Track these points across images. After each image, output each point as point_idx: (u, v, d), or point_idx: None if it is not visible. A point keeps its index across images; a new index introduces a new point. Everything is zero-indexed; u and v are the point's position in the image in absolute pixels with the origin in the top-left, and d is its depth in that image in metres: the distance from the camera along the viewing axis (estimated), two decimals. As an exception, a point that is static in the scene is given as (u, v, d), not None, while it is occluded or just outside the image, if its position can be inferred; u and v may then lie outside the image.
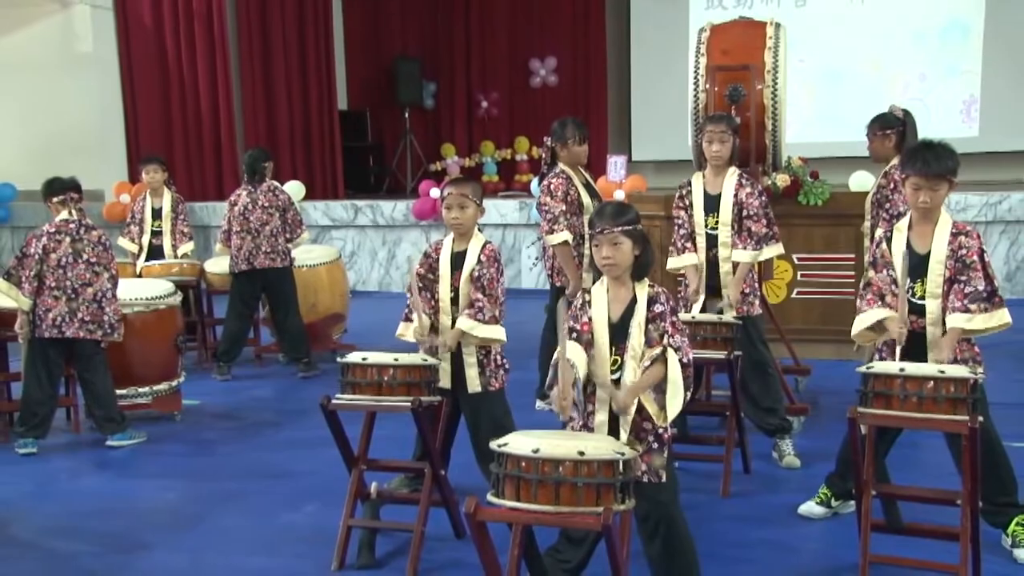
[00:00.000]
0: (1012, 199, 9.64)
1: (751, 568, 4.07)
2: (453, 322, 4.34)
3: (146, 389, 6.27)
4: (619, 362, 3.41)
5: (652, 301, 3.43)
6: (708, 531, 4.20)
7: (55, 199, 5.88)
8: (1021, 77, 12.26)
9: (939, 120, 11.22)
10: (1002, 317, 3.94)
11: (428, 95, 14.33)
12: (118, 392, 6.01)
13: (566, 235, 5.84)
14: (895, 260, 4.07)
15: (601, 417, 3.42)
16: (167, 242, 8.02)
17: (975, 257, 3.97)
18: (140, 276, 7.62)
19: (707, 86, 6.56)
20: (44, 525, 4.78)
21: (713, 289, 5.32)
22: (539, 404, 6.09)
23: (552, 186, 5.94)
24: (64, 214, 5.82)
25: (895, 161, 5.65)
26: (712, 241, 5.30)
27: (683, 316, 4.52)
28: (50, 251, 5.70)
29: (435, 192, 10.54)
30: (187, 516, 4.86)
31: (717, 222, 5.30)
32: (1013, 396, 6.01)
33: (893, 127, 5.86)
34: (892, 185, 5.65)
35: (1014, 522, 4.13)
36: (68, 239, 5.75)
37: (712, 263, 5.31)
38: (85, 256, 5.76)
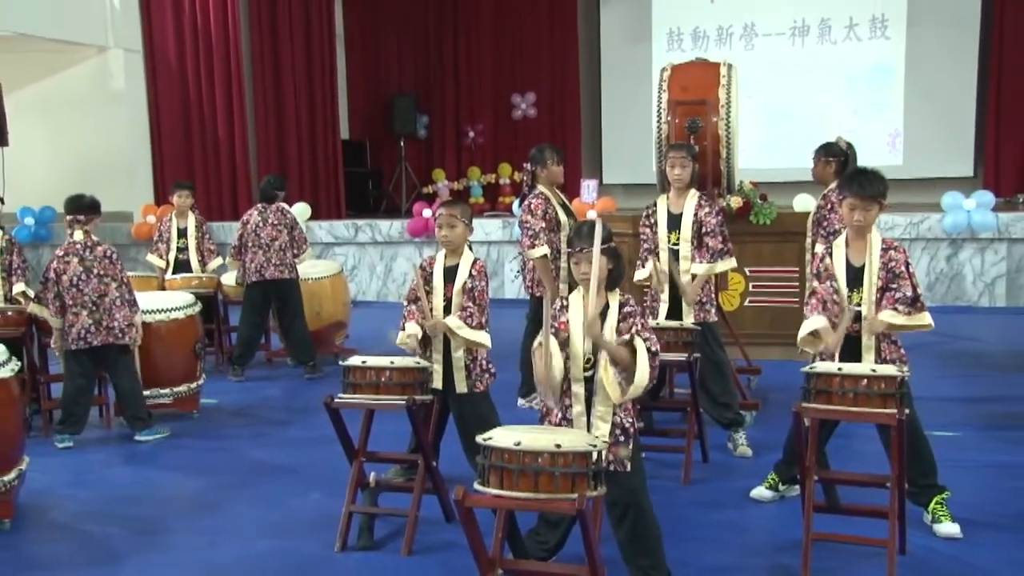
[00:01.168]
0: (931, 220, 9.68)
1: (709, 546, 4.07)
2: None
3: (167, 390, 6.24)
4: (592, 361, 3.42)
5: (623, 306, 3.46)
6: (671, 514, 4.19)
7: (68, 218, 5.85)
8: (936, 114, 12.36)
9: (869, 150, 11.14)
10: (924, 319, 4.00)
11: (421, 126, 14.33)
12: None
13: (545, 249, 5.85)
14: (836, 272, 4.10)
15: (578, 408, 3.43)
16: (194, 258, 8.03)
17: (902, 268, 4.02)
18: (164, 289, 7.63)
19: (669, 118, 6.60)
20: (79, 510, 4.77)
21: (675, 299, 5.32)
22: (520, 402, 6.08)
23: (533, 205, 5.94)
24: (78, 234, 5.76)
25: (833, 185, 5.67)
26: (674, 255, 5.31)
27: (649, 321, 4.53)
28: (61, 273, 5.67)
29: (427, 212, 10.54)
30: (205, 503, 4.84)
31: (679, 238, 5.31)
32: (934, 391, 6.07)
33: (836, 156, 5.89)
34: (830, 206, 5.67)
35: (934, 501, 4.17)
36: (76, 259, 5.69)
37: (672, 277, 5.31)
38: (95, 270, 5.70)
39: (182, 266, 8.01)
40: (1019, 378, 6.88)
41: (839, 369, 3.79)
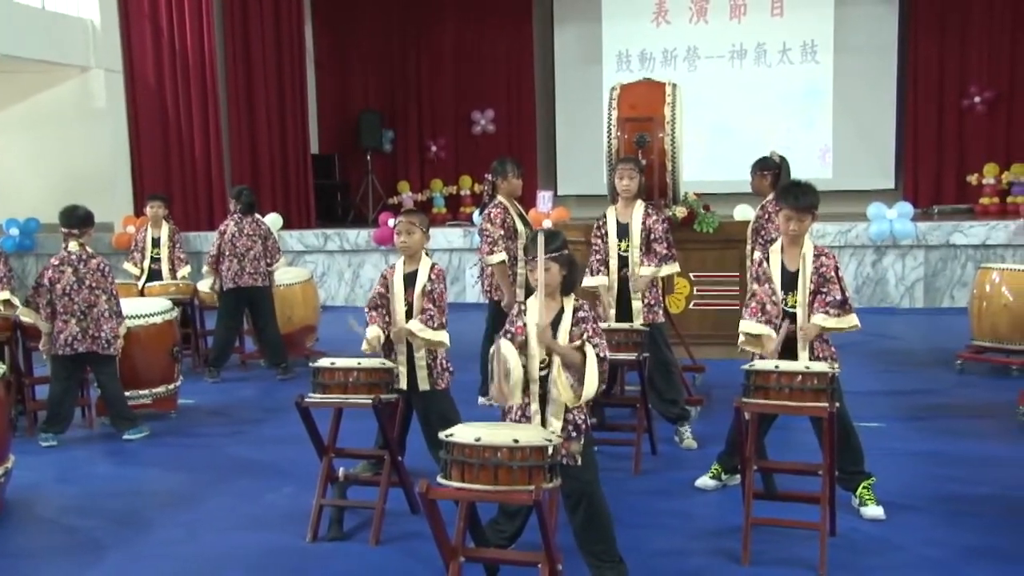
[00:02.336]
0: (858, 228, 9.84)
1: (657, 532, 4.08)
2: None
3: (146, 391, 6.14)
4: (547, 361, 3.41)
5: (577, 311, 3.46)
6: (622, 503, 4.21)
7: (63, 230, 5.76)
8: (861, 131, 12.57)
9: (801, 164, 11.28)
10: (852, 320, 4.06)
11: (387, 141, 14.25)
12: (121, 393, 5.89)
13: (503, 255, 5.84)
14: (773, 276, 4.14)
15: (534, 406, 3.42)
16: (165, 267, 7.94)
17: (832, 273, 4.07)
18: (143, 295, 7.53)
19: (618, 134, 6.63)
20: (64, 505, 4.72)
21: (624, 304, 5.33)
22: (481, 400, 6.05)
23: (492, 215, 5.93)
24: (73, 246, 5.68)
25: (770, 196, 5.71)
26: (624, 262, 5.33)
27: (601, 324, 4.54)
28: (55, 281, 5.59)
29: (392, 222, 10.45)
30: (184, 497, 4.76)
31: (628, 246, 5.32)
32: (862, 386, 6.15)
33: (771, 169, 5.95)
34: (767, 216, 5.71)
35: (861, 486, 4.22)
36: (70, 269, 5.61)
37: (623, 280, 5.32)
38: (87, 282, 5.62)
39: (155, 274, 7.93)
40: (937, 373, 7.01)
41: (776, 367, 3.83)
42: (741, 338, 4.18)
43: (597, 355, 3.35)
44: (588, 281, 5.37)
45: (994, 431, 5.53)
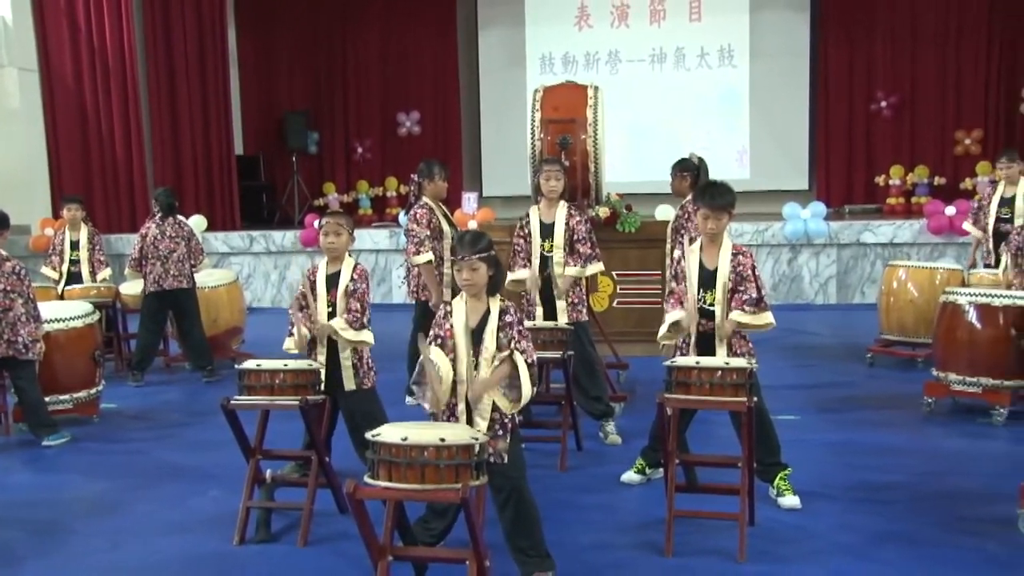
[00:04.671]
0: (774, 227, 10.08)
1: (584, 526, 4.11)
2: None
3: (67, 396, 5.96)
4: (475, 363, 3.41)
5: (503, 312, 3.45)
6: (549, 498, 4.23)
7: None
8: (777, 134, 12.85)
9: (719, 165, 11.46)
10: (767, 318, 4.14)
11: (312, 142, 14.04)
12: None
13: (430, 255, 5.81)
14: (689, 274, 4.21)
15: (461, 406, 3.42)
16: (85, 269, 7.75)
17: (749, 272, 4.14)
18: (63, 299, 7.31)
19: (542, 135, 6.66)
20: None
21: (549, 302, 5.35)
22: (408, 400, 6.00)
23: (418, 215, 5.90)
24: None
25: (690, 196, 5.78)
26: (547, 262, 5.34)
27: (527, 323, 4.55)
28: None
29: (318, 224, 10.30)
30: (107, 504, 4.62)
31: (552, 246, 5.34)
32: (779, 380, 6.29)
33: (690, 170, 6.03)
34: (687, 215, 5.78)
35: (778, 477, 4.31)
36: None
37: (547, 280, 5.34)
38: (2, 286, 5.41)
39: (74, 277, 7.74)
40: (849, 366, 7.23)
41: (696, 363, 3.89)
42: (662, 331, 4.23)
43: (526, 362, 3.37)
44: (511, 276, 5.35)
45: (901, 421, 5.73)
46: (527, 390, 3.36)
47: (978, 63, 12.18)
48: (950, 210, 9.67)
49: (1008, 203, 7.18)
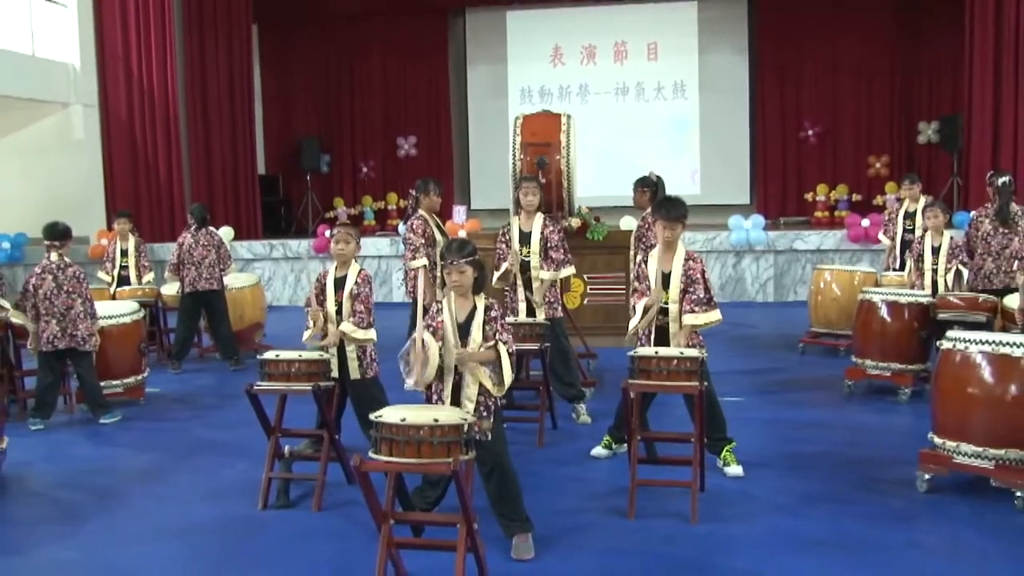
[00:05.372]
0: (721, 236, 10.10)
1: (559, 495, 4.11)
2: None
3: (118, 382, 6.02)
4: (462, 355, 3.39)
5: (488, 309, 3.45)
6: (528, 471, 4.21)
7: (45, 243, 5.68)
8: (723, 156, 12.87)
9: (674, 183, 11.44)
10: (715, 315, 4.15)
11: (324, 163, 13.98)
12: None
13: (424, 261, 5.79)
14: (651, 276, 4.20)
15: (447, 392, 3.42)
16: (132, 274, 7.77)
17: (698, 275, 4.15)
18: (115, 299, 7.34)
19: (522, 156, 6.65)
20: (51, 480, 4.63)
21: (528, 301, 5.33)
22: (406, 385, 5.97)
23: (415, 225, 5.88)
24: (53, 256, 5.60)
25: (649, 209, 5.79)
26: (525, 265, 5.34)
27: (509, 319, 4.54)
28: (38, 287, 5.51)
29: (329, 233, 10.24)
30: (152, 473, 4.66)
31: (529, 252, 5.34)
32: (725, 366, 6.31)
33: (649, 186, 6.00)
34: (647, 226, 5.77)
35: (725, 450, 4.33)
36: (50, 276, 5.53)
37: (526, 282, 5.33)
38: (65, 287, 5.52)
39: (124, 280, 7.75)
40: (783, 355, 7.26)
41: (656, 352, 3.89)
42: (632, 323, 4.20)
43: (508, 352, 3.37)
44: (499, 270, 5.30)
45: (826, 400, 5.77)
46: (509, 376, 3.38)
47: (883, 100, 12.45)
48: (865, 222, 9.75)
49: (911, 217, 7.25)
